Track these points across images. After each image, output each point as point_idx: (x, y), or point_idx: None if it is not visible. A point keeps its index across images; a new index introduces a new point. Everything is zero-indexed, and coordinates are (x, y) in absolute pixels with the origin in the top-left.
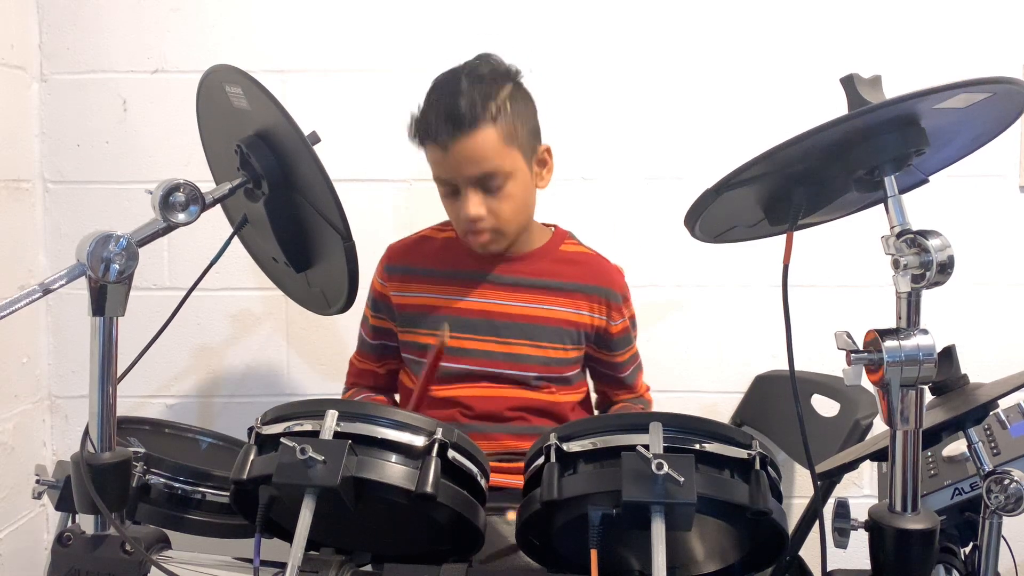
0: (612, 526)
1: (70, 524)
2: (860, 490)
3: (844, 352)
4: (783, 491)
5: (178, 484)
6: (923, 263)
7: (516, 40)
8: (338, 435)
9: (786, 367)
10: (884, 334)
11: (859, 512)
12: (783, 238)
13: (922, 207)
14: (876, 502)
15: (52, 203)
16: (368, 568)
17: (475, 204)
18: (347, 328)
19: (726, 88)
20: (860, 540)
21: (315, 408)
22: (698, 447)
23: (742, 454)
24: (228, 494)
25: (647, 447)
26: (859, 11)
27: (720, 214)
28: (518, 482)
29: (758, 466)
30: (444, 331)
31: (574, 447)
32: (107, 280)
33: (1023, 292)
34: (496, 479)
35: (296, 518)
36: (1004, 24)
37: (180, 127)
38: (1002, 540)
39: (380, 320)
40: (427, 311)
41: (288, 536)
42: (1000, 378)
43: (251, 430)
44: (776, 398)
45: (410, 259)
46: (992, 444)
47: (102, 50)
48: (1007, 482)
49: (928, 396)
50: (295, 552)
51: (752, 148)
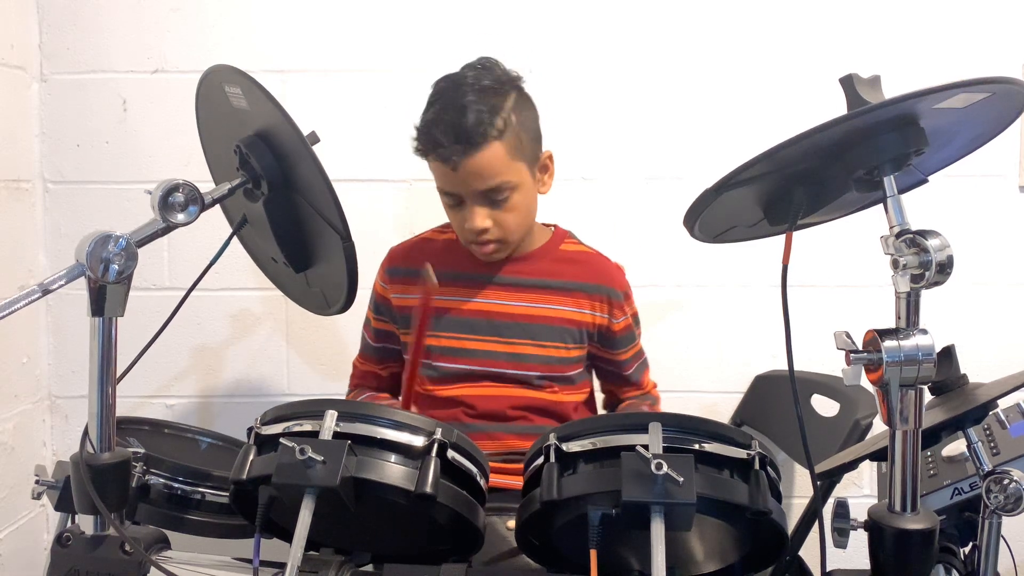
0: (612, 526)
1: (70, 524)
2: (860, 490)
3: (843, 352)
4: (783, 491)
5: (178, 484)
6: (922, 263)
7: (516, 40)
8: (337, 435)
9: (786, 367)
10: (883, 334)
11: (859, 512)
12: (783, 238)
13: (922, 207)
14: (876, 502)
15: (52, 203)
16: (368, 568)
17: (481, 217)
18: (347, 328)
19: (726, 88)
20: (860, 540)
21: (314, 408)
22: (698, 447)
23: (742, 454)
24: (228, 494)
25: (647, 447)
26: (859, 11)
27: (720, 214)
28: (521, 484)
29: (758, 466)
30: (428, 272)
31: (574, 447)
32: (106, 280)
33: (1023, 292)
34: (499, 480)
35: (296, 518)
36: (1004, 24)
37: (180, 127)
38: (1002, 540)
39: (382, 322)
40: None
41: (288, 536)
42: (999, 378)
43: (251, 430)
44: (776, 398)
45: (411, 261)
46: (991, 444)
47: (102, 50)
48: (1006, 482)
49: (927, 396)
50: (295, 552)
51: (752, 148)
